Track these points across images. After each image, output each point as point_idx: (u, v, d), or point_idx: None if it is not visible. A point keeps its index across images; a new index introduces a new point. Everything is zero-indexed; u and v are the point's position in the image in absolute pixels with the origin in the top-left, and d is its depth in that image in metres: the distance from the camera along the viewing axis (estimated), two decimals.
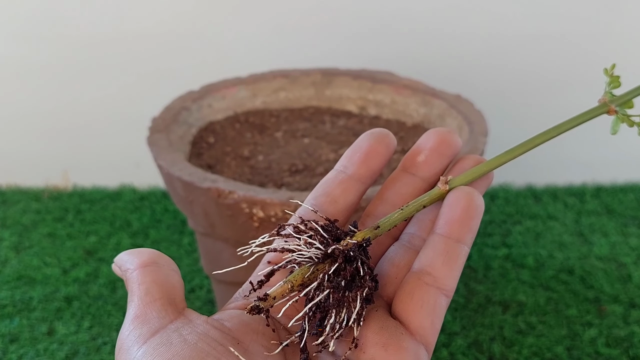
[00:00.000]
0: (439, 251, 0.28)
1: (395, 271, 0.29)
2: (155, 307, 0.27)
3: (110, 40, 0.93)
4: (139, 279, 0.28)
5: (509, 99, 0.95)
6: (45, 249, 0.85)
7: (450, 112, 0.70)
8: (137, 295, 0.27)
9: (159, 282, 0.28)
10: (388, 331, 0.26)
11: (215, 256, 0.61)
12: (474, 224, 0.29)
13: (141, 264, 0.28)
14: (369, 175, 0.31)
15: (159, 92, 0.75)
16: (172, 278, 0.29)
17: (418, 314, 0.27)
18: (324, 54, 0.91)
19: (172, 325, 0.26)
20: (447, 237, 0.28)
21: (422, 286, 0.27)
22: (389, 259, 0.30)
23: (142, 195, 0.98)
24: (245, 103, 0.76)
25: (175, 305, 0.27)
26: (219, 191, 0.52)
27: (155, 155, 0.59)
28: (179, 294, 0.28)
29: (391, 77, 0.77)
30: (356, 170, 0.31)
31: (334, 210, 0.30)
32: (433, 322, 0.27)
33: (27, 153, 1.01)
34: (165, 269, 0.29)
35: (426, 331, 0.27)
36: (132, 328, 0.26)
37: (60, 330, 0.71)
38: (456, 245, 0.28)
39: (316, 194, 0.31)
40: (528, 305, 0.74)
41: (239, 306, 0.28)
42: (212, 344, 0.25)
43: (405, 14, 0.91)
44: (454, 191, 0.29)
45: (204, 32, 0.92)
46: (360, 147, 0.31)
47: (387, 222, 0.29)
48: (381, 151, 0.30)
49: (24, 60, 0.94)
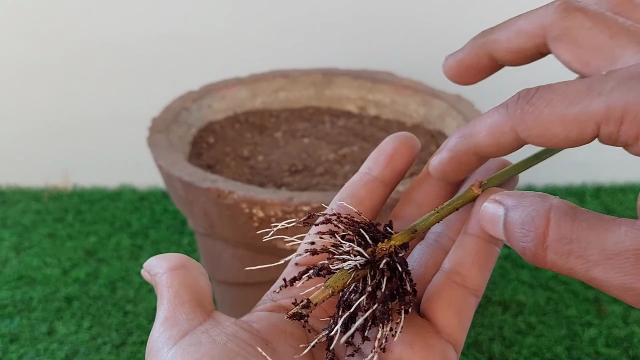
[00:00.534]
0: (470, 251, 0.28)
1: (423, 271, 0.29)
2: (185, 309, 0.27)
3: (111, 41, 0.93)
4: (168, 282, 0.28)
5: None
6: (46, 249, 0.85)
7: (450, 112, 0.70)
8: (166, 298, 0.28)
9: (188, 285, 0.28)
10: (415, 329, 0.27)
11: (215, 256, 0.61)
12: None
13: (170, 268, 0.29)
14: (394, 177, 0.31)
15: (159, 93, 0.75)
16: (201, 281, 0.29)
17: (446, 312, 0.27)
18: (324, 54, 0.91)
19: (201, 327, 0.26)
20: (478, 237, 0.28)
21: (451, 285, 0.28)
22: (417, 259, 0.30)
23: (142, 196, 0.98)
24: (245, 103, 0.76)
25: (204, 307, 0.27)
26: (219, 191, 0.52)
27: (155, 155, 0.59)
28: (207, 297, 0.28)
29: (391, 77, 0.78)
30: (381, 171, 0.31)
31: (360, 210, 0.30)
32: (461, 321, 0.27)
33: (27, 153, 1.01)
34: (194, 272, 0.29)
35: (454, 330, 0.27)
36: (162, 330, 0.26)
37: (60, 330, 0.71)
38: (487, 246, 0.28)
39: (342, 195, 0.31)
40: (528, 305, 0.74)
41: (267, 308, 0.29)
42: (241, 345, 0.25)
43: (405, 14, 0.91)
44: (487, 192, 0.29)
45: (204, 33, 0.93)
46: (384, 150, 0.31)
47: (423, 224, 0.28)
48: (406, 153, 0.31)
49: (25, 61, 0.94)
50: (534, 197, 0.23)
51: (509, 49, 0.28)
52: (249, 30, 0.93)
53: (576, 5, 0.25)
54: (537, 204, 0.23)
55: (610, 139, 0.22)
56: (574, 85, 0.23)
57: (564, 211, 0.22)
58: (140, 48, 0.93)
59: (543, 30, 0.26)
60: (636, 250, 0.20)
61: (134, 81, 0.95)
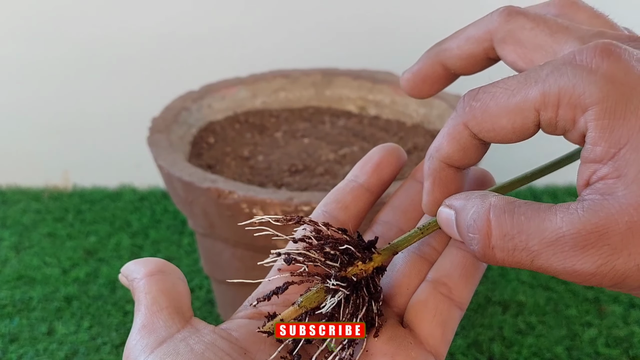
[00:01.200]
0: (457, 263, 0.28)
1: (407, 281, 0.29)
2: (162, 316, 0.27)
3: (111, 40, 0.93)
4: (145, 288, 0.28)
5: None
6: (45, 249, 0.85)
7: (449, 112, 0.70)
8: (144, 304, 0.27)
9: (166, 291, 0.28)
10: (397, 341, 0.27)
11: (215, 256, 0.61)
12: None
13: (148, 273, 0.28)
14: (380, 185, 0.31)
15: (159, 93, 0.75)
16: (179, 286, 0.28)
17: (430, 323, 0.27)
18: (324, 54, 0.91)
19: (179, 335, 0.26)
20: (465, 250, 0.29)
21: (436, 296, 0.28)
22: (399, 268, 0.30)
23: (142, 196, 0.98)
24: (245, 103, 0.77)
25: (183, 314, 0.27)
26: (219, 191, 0.52)
27: (156, 155, 0.59)
28: (185, 303, 0.28)
29: (391, 77, 0.78)
30: (367, 179, 0.31)
31: (344, 216, 0.31)
32: (445, 333, 0.27)
33: (27, 153, 1.01)
34: (172, 278, 0.29)
35: (437, 341, 0.27)
36: (139, 337, 0.26)
37: (60, 330, 0.71)
38: (474, 260, 0.28)
39: (327, 200, 0.31)
40: (528, 305, 0.74)
41: (247, 315, 0.28)
42: (219, 354, 0.25)
43: (405, 14, 0.91)
44: None
45: (204, 33, 0.93)
46: (371, 158, 0.32)
47: (405, 243, 0.29)
48: (392, 162, 0.31)
49: (24, 61, 0.94)
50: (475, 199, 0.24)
51: (460, 55, 0.29)
52: (249, 31, 0.93)
53: (518, 9, 0.27)
54: (477, 205, 0.23)
55: (550, 125, 0.23)
56: (514, 77, 0.24)
57: (503, 209, 0.23)
58: (141, 48, 0.93)
59: (489, 34, 0.28)
60: (572, 234, 0.21)
61: (135, 81, 0.95)
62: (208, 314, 0.73)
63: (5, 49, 0.93)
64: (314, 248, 0.27)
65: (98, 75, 0.95)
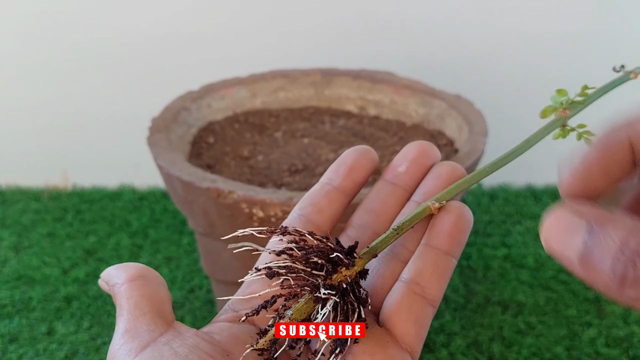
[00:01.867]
0: (429, 262, 0.29)
1: (381, 282, 0.30)
2: (145, 321, 0.27)
3: (110, 40, 0.93)
4: (127, 293, 0.28)
5: (508, 99, 0.95)
6: (45, 249, 0.85)
7: (449, 112, 0.70)
8: (126, 309, 0.27)
9: (148, 296, 0.28)
10: (375, 339, 0.27)
11: (215, 256, 0.61)
12: (463, 238, 0.30)
13: (129, 278, 0.29)
14: (353, 187, 0.32)
15: (158, 92, 0.76)
16: (160, 291, 0.29)
17: (405, 322, 0.28)
18: (324, 54, 0.91)
19: (162, 338, 0.26)
20: (437, 249, 0.29)
21: (410, 295, 0.28)
22: (374, 269, 0.31)
23: (142, 195, 0.98)
24: (244, 103, 0.77)
25: (165, 318, 0.28)
26: (219, 191, 0.52)
27: (155, 155, 0.59)
28: (167, 307, 0.28)
29: (391, 77, 0.78)
30: (341, 182, 0.32)
31: (320, 219, 0.31)
32: (419, 331, 0.28)
33: (26, 153, 1.01)
34: (153, 283, 0.29)
35: (412, 339, 0.28)
36: (122, 342, 0.26)
37: (59, 330, 0.71)
38: (445, 258, 0.29)
39: (303, 204, 0.32)
40: (527, 305, 0.74)
41: (228, 319, 0.29)
42: (202, 356, 0.26)
43: (405, 14, 0.91)
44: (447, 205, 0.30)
45: (203, 33, 0.93)
46: (345, 161, 0.32)
47: (383, 245, 0.29)
48: (365, 165, 0.32)
49: (24, 61, 0.94)
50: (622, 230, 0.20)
51: None
52: (248, 30, 0.93)
53: None
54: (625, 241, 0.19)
55: None
56: None
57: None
58: (140, 48, 0.93)
59: None
60: None
61: (134, 81, 0.95)
62: (208, 314, 0.73)
63: (5, 48, 0.93)
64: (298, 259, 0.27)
65: (98, 75, 0.95)
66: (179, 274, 0.80)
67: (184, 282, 0.78)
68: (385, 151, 0.67)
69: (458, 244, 0.30)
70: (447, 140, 0.68)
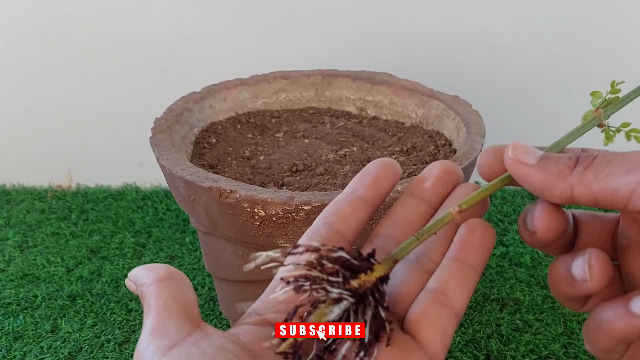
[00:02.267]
0: (455, 273, 0.30)
1: (406, 290, 0.31)
2: (173, 321, 0.27)
3: (114, 42, 0.93)
4: (155, 293, 0.28)
5: (506, 100, 0.96)
6: (49, 248, 0.86)
7: (448, 113, 0.70)
8: (154, 308, 0.28)
9: (176, 297, 0.28)
10: (400, 346, 0.28)
11: (217, 254, 0.62)
12: (487, 254, 0.31)
13: (157, 279, 0.29)
14: (377, 198, 0.33)
15: (161, 93, 0.76)
16: (188, 293, 0.29)
17: (430, 329, 0.28)
18: (324, 56, 0.92)
19: (190, 339, 0.27)
20: (462, 261, 0.30)
21: (436, 304, 0.29)
22: (399, 277, 0.31)
23: (145, 195, 0.99)
24: (246, 104, 0.77)
25: (192, 319, 0.28)
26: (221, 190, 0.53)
27: (158, 155, 0.60)
28: (194, 308, 0.29)
29: (390, 78, 0.78)
30: (365, 192, 0.33)
31: (344, 227, 0.32)
32: (443, 339, 0.29)
33: (31, 153, 1.01)
34: (181, 284, 0.30)
35: (437, 347, 0.28)
36: (150, 340, 0.26)
37: (64, 328, 0.72)
38: (470, 270, 0.30)
39: (327, 213, 0.32)
40: (525, 303, 0.75)
41: (252, 322, 0.29)
42: (229, 357, 0.26)
43: (404, 16, 0.92)
44: (472, 220, 0.31)
45: (206, 35, 0.93)
46: (369, 172, 0.33)
47: (404, 252, 0.30)
48: (388, 177, 0.33)
49: (28, 61, 0.95)
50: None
51: None
52: (250, 33, 0.93)
53: None
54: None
55: None
56: None
57: None
58: (144, 50, 0.94)
59: None
60: None
61: (138, 82, 0.96)
62: (210, 312, 0.74)
63: (10, 50, 0.94)
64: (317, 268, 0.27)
65: (102, 77, 0.96)
66: (182, 272, 0.81)
67: None
68: (384, 151, 0.68)
69: (482, 258, 0.31)
70: (445, 141, 0.69)
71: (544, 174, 0.28)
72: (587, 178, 0.27)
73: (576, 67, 0.93)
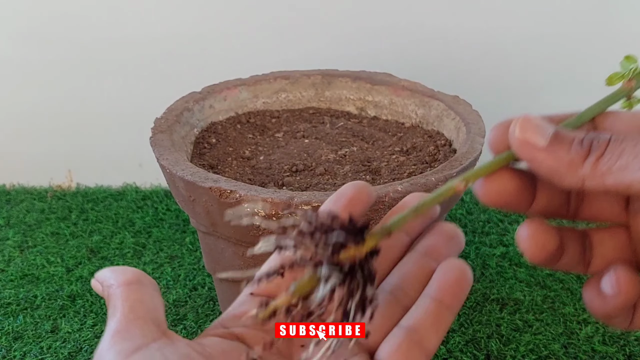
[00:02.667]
0: (430, 313, 0.30)
1: (381, 322, 0.31)
2: (139, 325, 0.27)
3: (115, 42, 0.93)
4: (123, 296, 0.28)
5: (506, 100, 0.96)
6: (49, 248, 0.86)
7: (448, 113, 0.70)
8: (120, 311, 0.27)
9: (144, 301, 0.28)
10: None
11: (217, 254, 0.62)
12: (463, 296, 0.31)
13: (125, 282, 0.29)
14: None
15: (161, 93, 0.76)
16: (156, 298, 0.29)
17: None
18: (324, 56, 0.92)
19: (154, 344, 0.26)
20: (440, 302, 0.30)
21: (408, 343, 0.29)
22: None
23: (145, 195, 0.99)
24: (246, 104, 0.77)
25: (159, 325, 0.27)
26: (221, 190, 0.53)
27: (158, 155, 0.60)
28: (161, 315, 0.28)
29: (390, 78, 0.78)
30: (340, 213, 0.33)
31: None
32: None
33: (31, 153, 1.02)
34: (149, 289, 0.29)
35: None
36: (113, 342, 0.26)
37: (64, 328, 0.72)
38: (447, 312, 0.30)
39: None
40: (525, 303, 0.75)
41: (218, 334, 0.29)
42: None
43: (404, 17, 0.92)
44: (448, 262, 0.31)
45: (206, 35, 0.93)
46: (344, 194, 0.33)
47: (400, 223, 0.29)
48: (362, 199, 0.33)
49: (28, 61, 0.95)
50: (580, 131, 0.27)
51: None
52: (250, 33, 0.93)
53: None
54: None
55: None
56: None
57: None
58: (144, 49, 0.94)
59: None
60: None
61: (138, 82, 0.96)
62: (210, 312, 0.74)
63: (10, 50, 0.94)
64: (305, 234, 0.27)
65: (102, 77, 0.96)
66: (182, 272, 0.81)
67: (187, 280, 0.79)
68: (384, 151, 0.68)
69: (458, 300, 0.31)
70: (445, 141, 0.69)
71: (553, 161, 0.27)
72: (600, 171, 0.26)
73: (576, 67, 0.93)
